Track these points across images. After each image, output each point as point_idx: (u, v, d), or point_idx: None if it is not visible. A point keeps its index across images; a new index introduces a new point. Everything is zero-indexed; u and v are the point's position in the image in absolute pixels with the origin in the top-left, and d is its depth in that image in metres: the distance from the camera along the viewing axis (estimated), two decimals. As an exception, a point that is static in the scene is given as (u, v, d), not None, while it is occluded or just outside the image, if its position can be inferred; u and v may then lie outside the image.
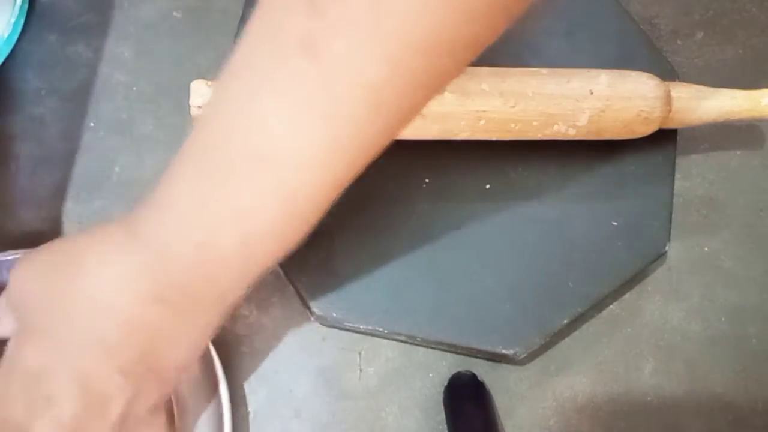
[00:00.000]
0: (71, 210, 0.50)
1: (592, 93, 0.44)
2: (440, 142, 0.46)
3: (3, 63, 0.51)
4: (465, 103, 0.44)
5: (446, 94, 0.44)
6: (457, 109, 0.44)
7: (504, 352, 0.45)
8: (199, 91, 0.44)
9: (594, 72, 0.45)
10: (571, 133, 0.45)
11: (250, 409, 0.47)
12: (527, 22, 0.51)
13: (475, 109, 0.44)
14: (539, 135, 0.46)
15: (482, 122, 0.44)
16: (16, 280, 0.35)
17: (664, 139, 0.48)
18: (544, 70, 0.45)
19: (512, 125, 0.45)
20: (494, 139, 0.46)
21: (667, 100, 0.45)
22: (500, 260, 0.46)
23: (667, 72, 0.49)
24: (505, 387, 0.47)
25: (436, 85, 0.32)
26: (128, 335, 0.33)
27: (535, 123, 0.45)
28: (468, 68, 0.45)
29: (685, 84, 0.47)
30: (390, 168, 0.48)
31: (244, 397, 0.47)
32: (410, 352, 0.48)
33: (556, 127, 0.45)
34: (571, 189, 0.48)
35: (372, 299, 0.45)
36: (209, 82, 0.45)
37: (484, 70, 0.45)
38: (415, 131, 0.45)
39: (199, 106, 0.45)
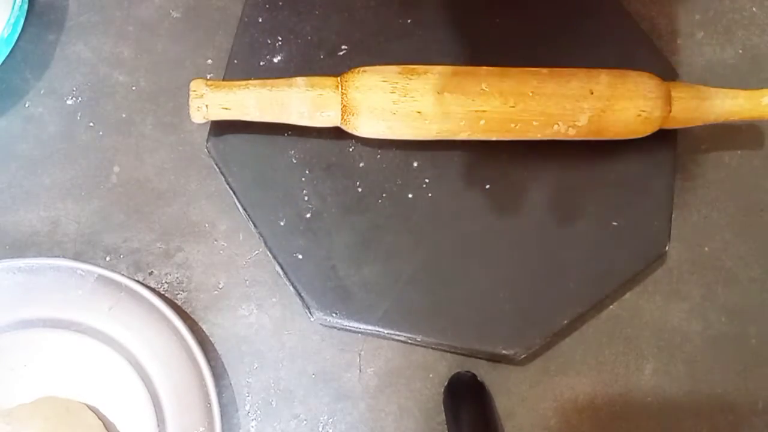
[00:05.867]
0: (71, 210, 0.50)
1: (592, 93, 0.44)
2: (440, 142, 0.46)
3: (3, 63, 0.51)
4: (465, 103, 0.44)
5: (446, 94, 0.44)
6: (457, 109, 0.44)
7: (504, 352, 0.45)
8: (199, 91, 0.44)
9: (594, 72, 0.45)
10: (571, 133, 0.45)
11: (250, 409, 0.47)
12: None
13: (475, 109, 0.44)
14: (539, 135, 0.46)
15: (482, 122, 0.44)
16: None
17: (664, 139, 0.48)
18: (544, 70, 0.45)
19: (512, 125, 0.45)
20: (494, 139, 0.46)
21: (668, 100, 0.45)
22: (500, 260, 0.46)
23: (667, 72, 0.49)
24: (506, 387, 0.47)
25: None
26: None
27: (535, 123, 0.45)
28: (468, 68, 0.45)
29: (685, 84, 0.47)
30: (390, 168, 0.48)
31: (244, 397, 0.47)
32: (410, 352, 0.48)
33: (556, 127, 0.45)
34: (572, 189, 0.48)
35: (372, 299, 0.45)
36: (208, 81, 0.45)
37: (484, 69, 0.45)
38: (415, 131, 0.45)
39: (198, 107, 0.44)
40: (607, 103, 0.44)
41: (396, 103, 0.44)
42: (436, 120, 0.44)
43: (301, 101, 0.44)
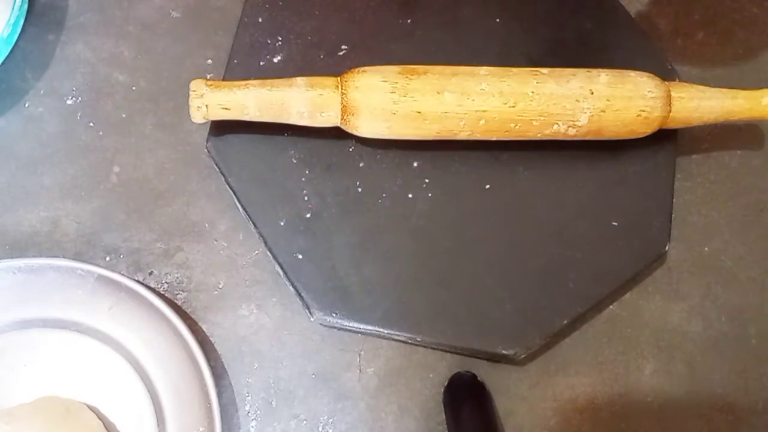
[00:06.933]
0: (71, 210, 0.50)
1: (592, 93, 0.44)
2: (440, 141, 0.46)
3: (3, 63, 0.51)
4: (465, 103, 0.44)
5: (446, 94, 0.44)
6: (457, 109, 0.44)
7: (504, 352, 0.45)
8: (199, 91, 0.44)
9: (594, 72, 0.45)
10: (571, 133, 0.45)
11: (250, 409, 0.47)
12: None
13: (475, 109, 0.44)
14: (539, 135, 0.46)
15: (482, 122, 0.44)
16: None
17: (664, 139, 0.48)
18: (544, 70, 0.45)
19: (512, 125, 0.45)
20: (494, 139, 0.46)
21: (668, 100, 0.45)
22: (500, 260, 0.46)
23: (667, 72, 0.49)
24: (506, 387, 0.47)
25: None
26: None
27: (535, 123, 0.45)
28: (468, 68, 0.45)
29: (685, 84, 0.47)
30: (390, 168, 0.48)
31: (244, 397, 0.47)
32: (410, 352, 0.48)
33: (556, 126, 0.45)
34: (572, 189, 0.48)
35: (372, 299, 0.45)
36: (208, 81, 0.45)
37: (484, 69, 0.45)
38: (415, 131, 0.45)
39: (198, 107, 0.44)
40: (607, 103, 0.44)
41: (396, 103, 0.44)
42: (436, 120, 0.44)
43: (300, 101, 0.44)
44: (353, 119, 0.45)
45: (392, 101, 0.44)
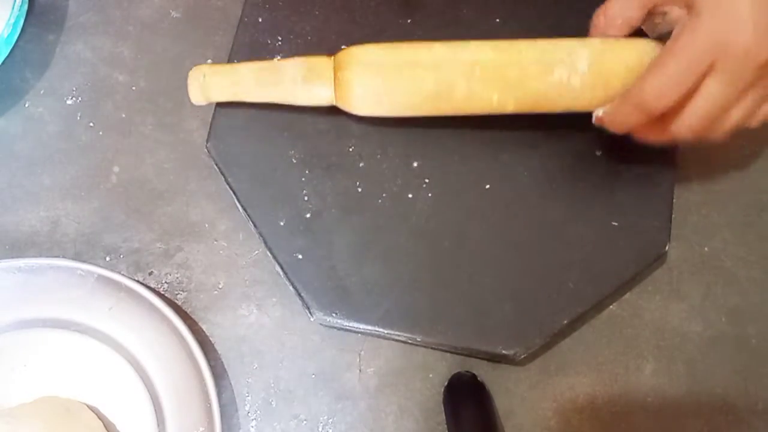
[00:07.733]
0: (71, 210, 0.50)
1: (588, 44, 0.43)
2: (441, 140, 0.46)
3: (3, 63, 0.51)
4: (458, 51, 0.43)
5: (437, 45, 0.43)
6: (451, 56, 0.43)
7: (504, 352, 0.45)
8: (199, 70, 0.45)
9: (587, 38, 0.44)
10: (575, 83, 0.43)
11: (250, 409, 0.47)
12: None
13: (468, 57, 0.43)
14: (542, 86, 0.43)
15: (477, 70, 0.43)
16: None
17: (664, 139, 0.48)
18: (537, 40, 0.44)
19: (508, 72, 0.43)
20: (495, 99, 0.44)
21: None
22: (500, 260, 0.46)
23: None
24: (505, 387, 0.47)
25: None
26: None
27: (532, 69, 0.43)
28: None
29: None
30: (390, 167, 0.48)
31: (244, 397, 0.47)
32: (410, 352, 0.48)
33: (557, 74, 0.43)
34: (572, 189, 0.48)
35: (372, 299, 0.45)
36: (209, 64, 0.45)
37: (474, 41, 0.45)
38: (410, 84, 0.44)
39: (196, 77, 0.45)
40: (605, 46, 0.43)
41: (389, 55, 0.44)
42: (431, 68, 0.43)
43: (295, 67, 0.45)
44: (347, 74, 0.44)
45: (385, 54, 0.44)
